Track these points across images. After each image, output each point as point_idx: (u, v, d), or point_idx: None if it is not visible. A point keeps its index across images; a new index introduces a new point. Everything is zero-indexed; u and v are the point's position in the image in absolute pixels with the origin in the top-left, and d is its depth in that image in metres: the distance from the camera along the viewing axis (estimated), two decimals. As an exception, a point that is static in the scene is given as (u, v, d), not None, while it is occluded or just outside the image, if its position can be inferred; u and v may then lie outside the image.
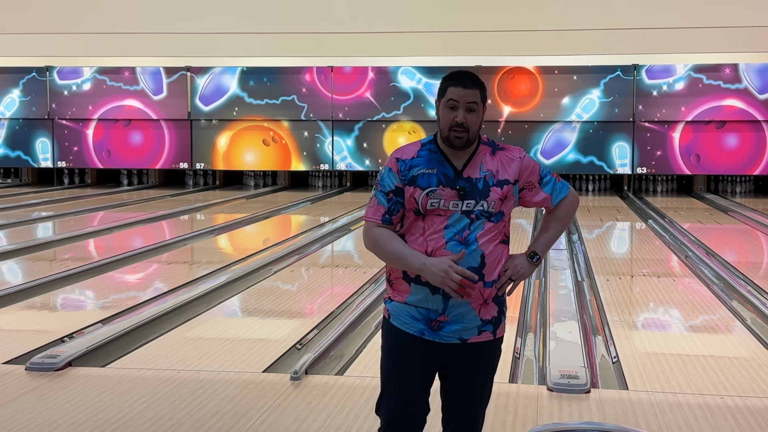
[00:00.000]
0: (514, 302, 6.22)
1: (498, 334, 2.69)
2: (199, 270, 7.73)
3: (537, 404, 3.97)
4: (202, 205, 12.88)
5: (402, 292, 2.66)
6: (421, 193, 2.60)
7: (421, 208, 2.61)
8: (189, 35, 14.77)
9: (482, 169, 2.64)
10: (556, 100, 14.47)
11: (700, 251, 8.42)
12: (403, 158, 2.65)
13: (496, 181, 2.63)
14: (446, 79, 2.64)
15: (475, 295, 2.61)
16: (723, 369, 4.60)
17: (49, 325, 5.68)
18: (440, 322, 2.62)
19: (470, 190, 2.61)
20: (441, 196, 2.60)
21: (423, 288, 2.62)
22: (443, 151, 2.65)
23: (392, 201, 2.64)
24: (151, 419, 3.82)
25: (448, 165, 2.64)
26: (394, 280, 2.70)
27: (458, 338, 2.63)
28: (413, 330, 2.64)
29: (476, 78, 2.64)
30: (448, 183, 2.61)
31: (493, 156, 2.67)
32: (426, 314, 2.63)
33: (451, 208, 2.60)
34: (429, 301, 2.62)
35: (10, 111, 15.78)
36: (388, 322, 2.71)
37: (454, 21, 14.28)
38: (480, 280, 2.61)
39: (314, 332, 5.44)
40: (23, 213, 11.57)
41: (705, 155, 14.26)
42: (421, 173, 2.62)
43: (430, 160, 2.64)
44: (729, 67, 14.01)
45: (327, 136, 15.07)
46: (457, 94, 2.59)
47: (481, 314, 2.64)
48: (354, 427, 3.71)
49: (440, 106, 2.64)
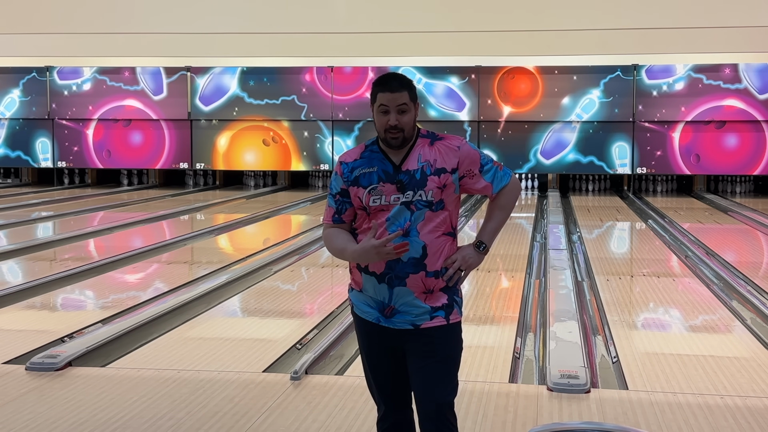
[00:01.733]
0: (514, 302, 6.23)
1: (452, 320, 2.76)
2: (199, 270, 7.73)
3: (537, 404, 3.97)
4: (202, 205, 12.88)
5: (358, 282, 2.81)
6: (364, 192, 2.72)
7: (365, 206, 2.73)
8: (189, 35, 14.77)
9: (420, 160, 2.73)
10: (556, 100, 14.47)
11: (700, 251, 8.42)
12: (346, 161, 2.80)
13: (434, 170, 2.72)
14: (375, 85, 2.74)
15: (418, 285, 2.71)
16: (723, 369, 4.60)
17: (49, 325, 5.68)
18: (391, 309, 2.74)
19: (408, 181, 2.71)
20: (382, 192, 2.71)
21: (370, 277, 2.75)
22: (383, 150, 2.77)
23: (339, 201, 2.79)
24: (151, 419, 3.82)
25: (387, 162, 2.75)
26: (352, 269, 2.84)
27: (410, 324, 2.73)
28: (371, 318, 2.78)
29: (403, 79, 2.74)
30: (387, 179, 2.72)
31: (431, 147, 2.76)
32: (378, 303, 2.76)
33: (392, 202, 2.71)
34: (377, 291, 2.75)
35: (10, 111, 15.79)
36: (353, 311, 2.87)
37: (454, 21, 14.28)
38: (422, 270, 2.70)
39: (314, 332, 5.44)
40: (23, 213, 11.58)
41: (705, 155, 14.27)
42: (362, 173, 2.74)
43: (371, 159, 2.76)
44: (729, 67, 14.01)
45: (327, 136, 15.08)
46: (386, 98, 2.69)
47: (428, 302, 2.73)
48: (354, 427, 3.71)
49: (374, 112, 2.75)
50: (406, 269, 2.70)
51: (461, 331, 2.81)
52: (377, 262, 2.70)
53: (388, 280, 2.71)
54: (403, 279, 2.70)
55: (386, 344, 2.78)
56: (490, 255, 8.72)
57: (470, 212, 11.53)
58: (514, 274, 7.53)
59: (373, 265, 2.72)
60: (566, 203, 13.09)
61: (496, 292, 6.88)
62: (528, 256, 8.28)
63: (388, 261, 2.69)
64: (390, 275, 2.71)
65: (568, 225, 10.39)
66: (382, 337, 2.77)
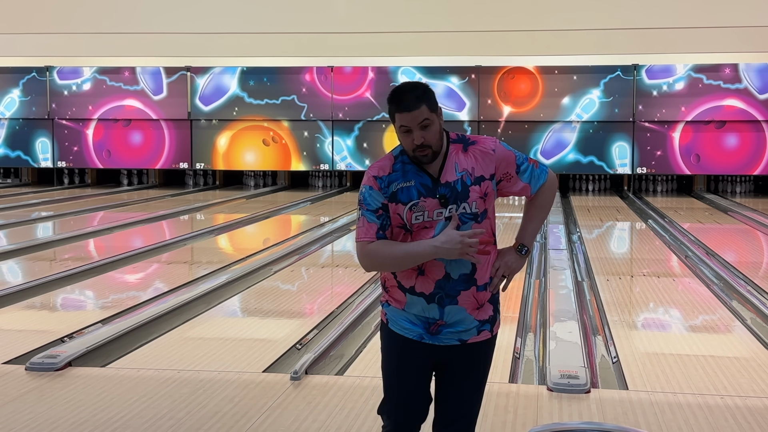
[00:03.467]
0: (514, 302, 6.22)
1: (494, 332, 2.69)
2: (199, 270, 7.73)
3: (537, 404, 3.97)
4: (202, 205, 12.88)
5: (400, 301, 2.63)
6: (405, 208, 2.55)
7: (407, 224, 2.56)
8: (189, 35, 14.77)
9: (458, 170, 2.57)
10: (556, 100, 14.47)
11: (700, 251, 8.42)
12: (380, 175, 2.58)
13: (474, 179, 2.58)
14: (390, 103, 2.56)
15: (470, 301, 2.59)
16: (723, 369, 4.60)
17: (49, 325, 5.68)
18: (439, 326, 2.60)
19: (451, 195, 2.55)
20: (424, 208, 2.55)
21: (419, 299, 2.59)
22: (416, 161, 2.59)
23: (382, 216, 2.57)
24: (151, 419, 3.82)
25: (424, 174, 2.57)
26: (390, 288, 2.66)
27: (458, 339, 2.62)
28: (413, 335, 2.62)
29: (418, 92, 2.53)
30: (428, 193, 2.55)
31: (465, 153, 2.60)
32: (424, 320, 2.61)
33: (435, 218, 2.55)
34: (426, 310, 2.59)
35: (10, 111, 15.78)
36: (386, 327, 2.69)
37: (454, 21, 14.27)
38: (473, 286, 2.59)
39: (314, 332, 5.44)
40: (23, 213, 11.57)
41: (705, 155, 14.26)
42: (400, 188, 2.56)
43: (406, 172, 2.58)
44: (729, 67, 14.01)
45: (327, 136, 15.07)
46: (406, 119, 2.52)
47: (477, 317, 2.63)
48: (354, 427, 3.71)
49: (396, 131, 2.57)
50: (458, 287, 2.56)
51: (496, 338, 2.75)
52: (426, 282, 2.56)
53: (438, 300, 2.56)
54: (455, 297, 2.57)
55: (425, 361, 2.63)
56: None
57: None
58: (514, 274, 7.51)
59: (420, 285, 2.57)
60: (566, 203, 13.09)
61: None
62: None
63: (438, 280, 2.55)
64: (440, 294, 2.56)
65: (568, 225, 10.39)
66: (422, 353, 2.62)
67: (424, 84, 2.60)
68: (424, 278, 2.57)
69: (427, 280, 2.57)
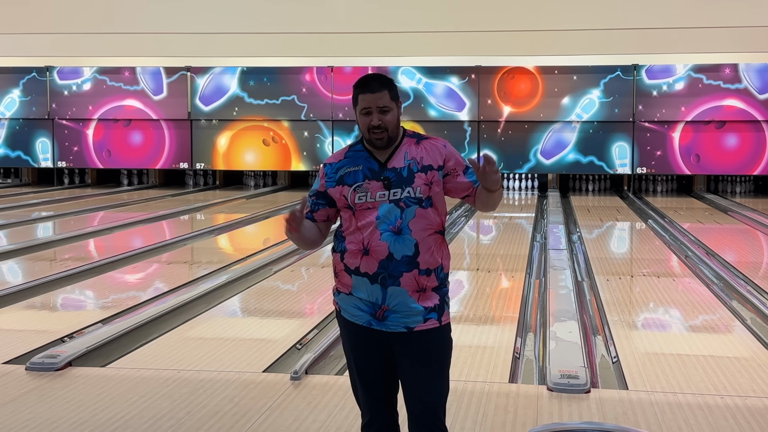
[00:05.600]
0: (514, 302, 6.23)
1: (443, 321, 2.76)
2: (199, 270, 7.73)
3: (537, 404, 3.97)
4: (202, 205, 12.88)
5: (346, 285, 2.77)
6: (349, 190, 2.73)
7: (351, 204, 2.73)
8: (189, 35, 14.77)
9: (406, 158, 2.75)
10: (556, 100, 14.47)
11: (700, 251, 8.42)
12: (330, 162, 2.82)
13: (421, 167, 2.74)
14: (356, 87, 2.75)
15: (411, 283, 2.70)
16: (723, 369, 4.60)
17: (49, 325, 5.68)
18: (384, 311, 2.71)
19: (395, 179, 2.72)
20: (367, 189, 2.72)
21: (363, 279, 2.72)
22: (368, 149, 2.78)
23: (312, 202, 2.82)
24: (151, 419, 3.82)
25: (372, 160, 2.76)
26: (339, 272, 2.80)
27: (404, 326, 2.71)
28: (362, 321, 2.75)
29: (383, 79, 2.75)
30: (373, 176, 2.73)
31: (417, 145, 2.78)
32: (370, 305, 2.72)
33: (378, 199, 2.71)
34: (370, 293, 2.71)
35: (10, 111, 15.79)
36: (340, 315, 2.83)
37: (454, 21, 14.28)
38: (415, 268, 2.68)
39: (314, 332, 5.44)
40: (23, 213, 11.58)
41: (705, 155, 14.27)
42: (347, 172, 2.76)
43: (356, 158, 2.78)
44: (729, 67, 14.01)
45: (327, 136, 15.08)
46: (367, 100, 2.71)
47: (420, 301, 2.72)
48: (354, 427, 3.71)
49: (357, 114, 2.76)
50: (400, 268, 2.69)
51: (451, 331, 2.82)
52: (370, 262, 2.70)
53: (381, 280, 2.70)
54: (397, 278, 2.69)
55: (377, 348, 2.75)
56: (490, 255, 8.75)
57: (469, 213, 11.53)
58: (514, 274, 7.53)
59: (364, 266, 2.71)
60: (566, 203, 13.09)
61: (496, 292, 6.88)
62: (528, 256, 8.28)
63: (381, 260, 2.68)
64: (383, 274, 2.70)
65: (568, 225, 10.39)
66: (372, 340, 2.75)
67: (391, 78, 2.81)
68: (368, 258, 2.71)
69: (372, 260, 2.70)
